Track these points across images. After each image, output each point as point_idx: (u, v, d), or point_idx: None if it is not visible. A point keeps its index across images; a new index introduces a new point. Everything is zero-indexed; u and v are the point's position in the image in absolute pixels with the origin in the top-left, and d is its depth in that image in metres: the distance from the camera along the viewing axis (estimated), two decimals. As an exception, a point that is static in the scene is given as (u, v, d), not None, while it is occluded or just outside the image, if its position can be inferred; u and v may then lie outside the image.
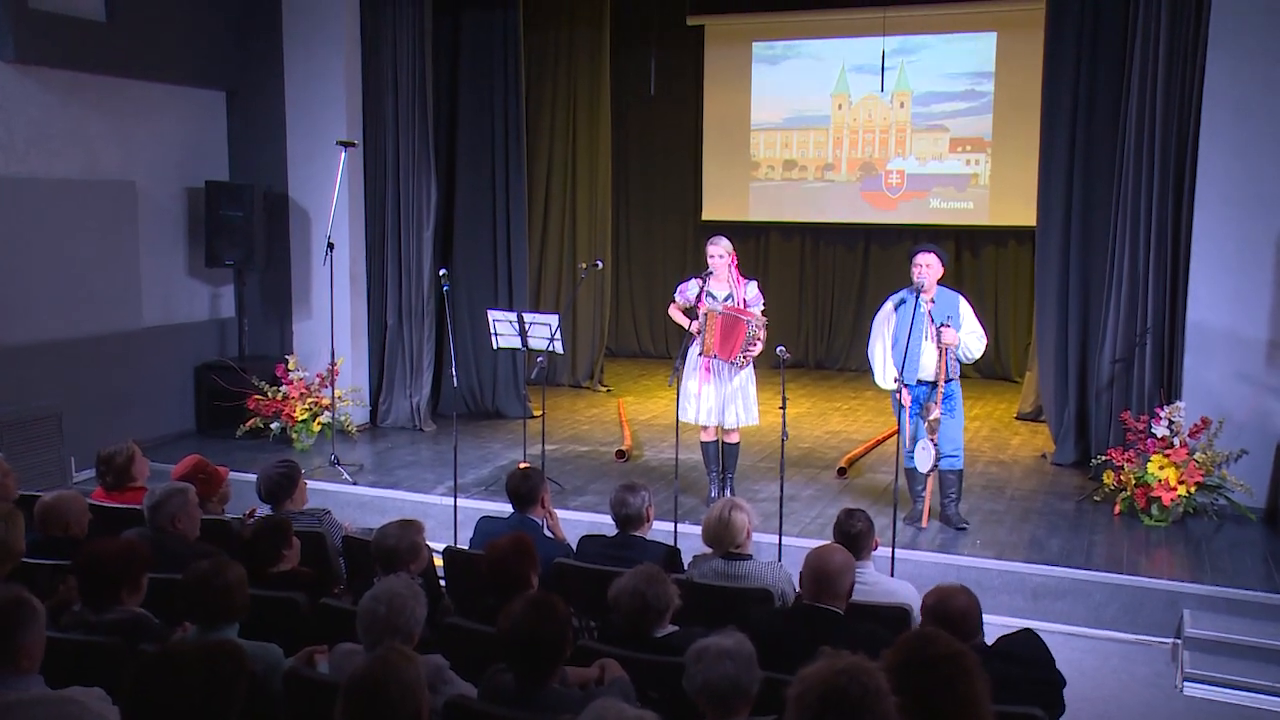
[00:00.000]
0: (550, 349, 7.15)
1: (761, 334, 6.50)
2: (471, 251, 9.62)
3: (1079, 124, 7.86)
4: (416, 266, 9.09)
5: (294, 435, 8.42)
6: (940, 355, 6.23)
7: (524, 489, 4.93)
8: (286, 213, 9.13)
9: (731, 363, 6.55)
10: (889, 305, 6.49)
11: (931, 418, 6.33)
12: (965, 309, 6.35)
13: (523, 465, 6.53)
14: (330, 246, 7.95)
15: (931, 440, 6.31)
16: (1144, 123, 7.26)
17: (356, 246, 9.10)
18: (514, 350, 8.02)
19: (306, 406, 8.40)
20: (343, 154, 8.22)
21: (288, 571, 4.26)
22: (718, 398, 6.76)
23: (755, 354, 6.60)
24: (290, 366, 8.64)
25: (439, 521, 6.72)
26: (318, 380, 8.53)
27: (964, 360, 6.34)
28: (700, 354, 6.68)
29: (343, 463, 7.81)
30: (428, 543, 4.27)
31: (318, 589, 4.15)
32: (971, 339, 6.28)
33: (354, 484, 7.50)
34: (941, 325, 6.18)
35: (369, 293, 9.24)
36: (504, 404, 9.67)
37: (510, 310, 8.17)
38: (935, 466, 6.36)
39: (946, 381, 6.30)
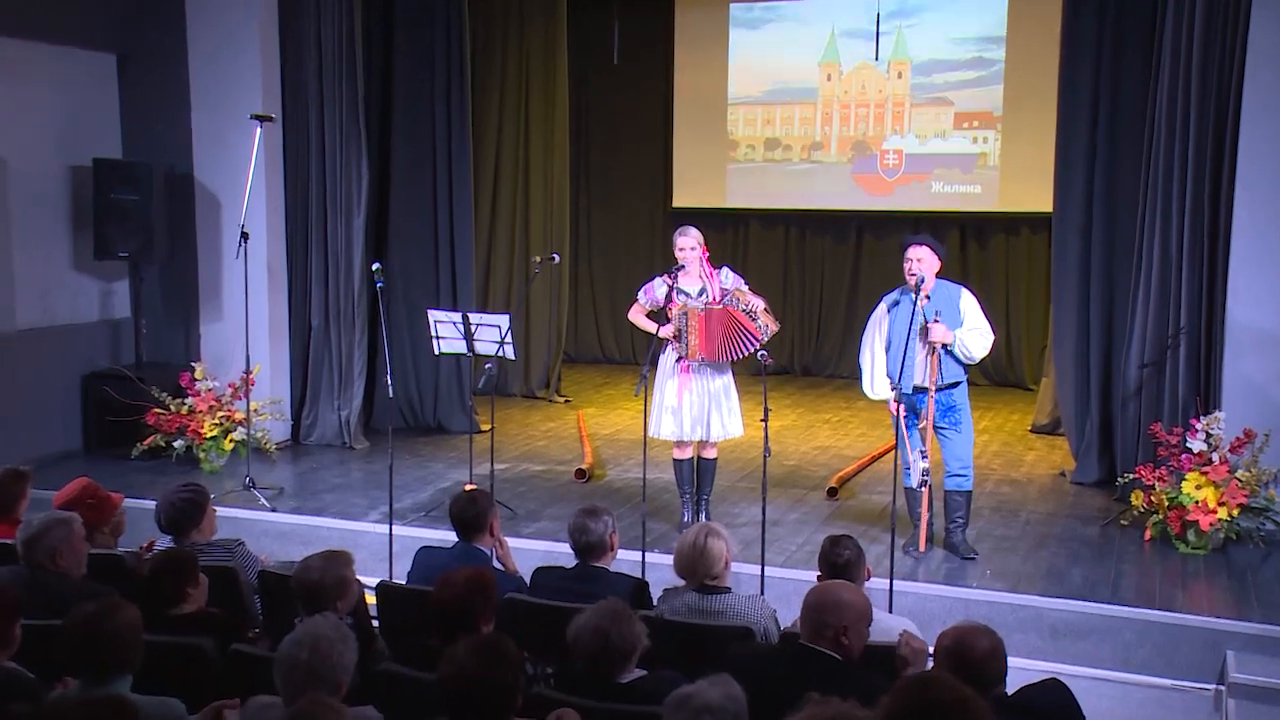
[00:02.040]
0: (500, 354, 7.13)
1: (753, 299, 6.49)
2: (409, 243, 9.56)
3: (1103, 95, 7.90)
4: (346, 260, 9.03)
5: (201, 455, 8.34)
6: (930, 355, 6.23)
7: (470, 514, 4.93)
8: (192, 196, 9.03)
9: (752, 349, 6.46)
10: (882, 307, 6.52)
11: (920, 426, 6.35)
12: (968, 303, 6.37)
13: (469, 487, 6.48)
14: (244, 236, 7.87)
15: (921, 452, 6.32)
16: (1177, 92, 7.29)
17: (275, 236, 9.01)
18: (458, 356, 7.97)
19: (216, 421, 8.33)
20: (258, 129, 8.12)
21: (193, 613, 4.20)
22: (700, 408, 6.77)
23: (762, 305, 6.55)
24: (197, 375, 8.55)
25: (371, 553, 6.68)
26: (230, 391, 8.44)
27: (966, 360, 6.34)
28: (679, 359, 6.69)
29: (259, 486, 7.75)
30: (358, 577, 4.24)
31: (228, 633, 4.10)
32: (973, 336, 6.29)
33: (272, 510, 7.45)
34: (931, 321, 6.19)
35: (290, 290, 9.17)
36: (447, 417, 9.62)
37: (454, 310, 8.11)
38: (926, 482, 6.37)
39: (944, 389, 6.31)
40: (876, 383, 6.49)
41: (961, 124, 11.50)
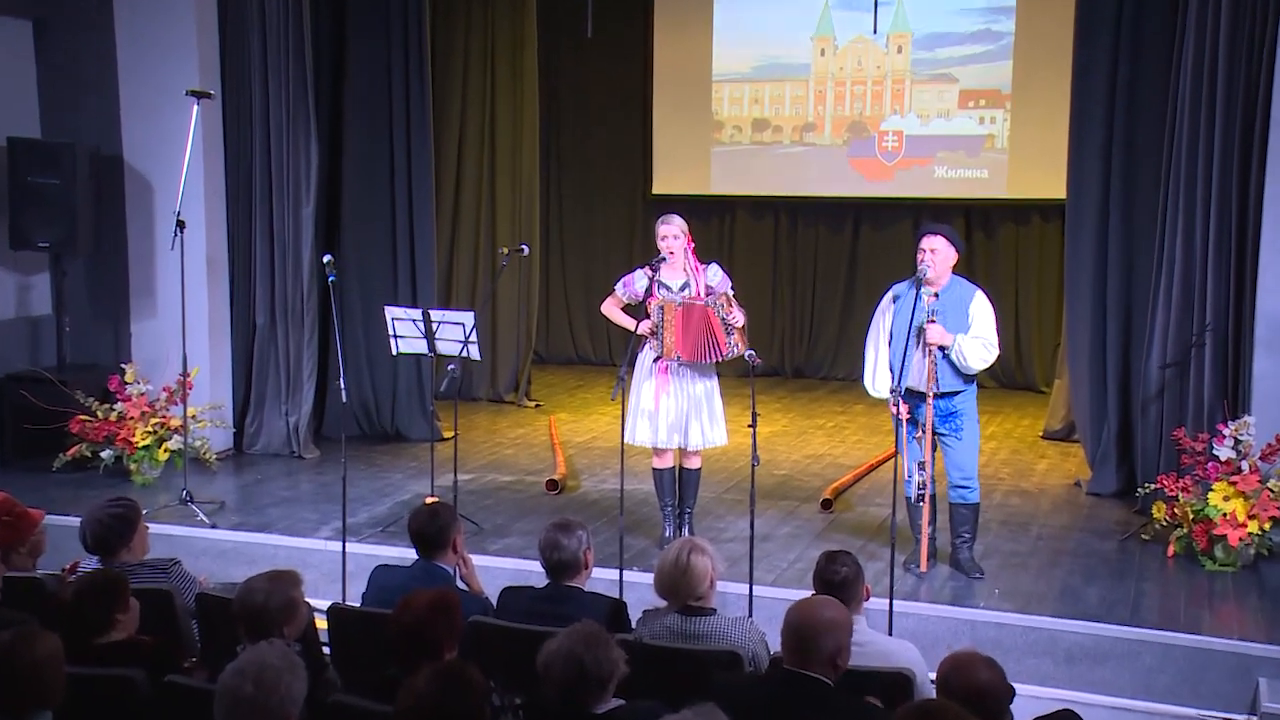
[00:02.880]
0: (464, 355, 7.13)
1: (737, 312, 6.55)
2: (364, 234, 9.54)
3: (1121, 72, 7.92)
4: (294, 252, 9.01)
5: (132, 466, 8.29)
6: (927, 358, 6.25)
7: (431, 530, 4.93)
8: (120, 180, 8.98)
9: (719, 359, 6.64)
10: (887, 297, 6.55)
11: (917, 436, 6.38)
12: (980, 308, 6.37)
13: (430, 500, 6.49)
14: (180, 225, 7.81)
15: (918, 464, 6.33)
16: (1203, 67, 7.30)
17: (215, 226, 8.97)
18: (418, 357, 7.96)
19: (150, 429, 8.27)
20: (195, 107, 8.07)
21: (122, 642, 4.18)
22: (679, 413, 6.79)
23: (741, 323, 6.61)
24: (128, 378, 8.49)
25: (323, 573, 6.69)
26: (165, 395, 8.39)
27: (962, 368, 6.34)
28: (656, 359, 6.71)
29: (198, 500, 7.72)
30: (307, 599, 4.24)
31: (162, 663, 4.07)
32: (974, 346, 6.28)
33: (213, 527, 7.42)
34: (928, 321, 6.21)
35: (232, 285, 9.14)
36: (406, 424, 9.61)
37: (414, 307, 8.09)
38: (924, 496, 6.38)
39: (941, 396, 6.33)
40: (878, 378, 6.52)
41: (967, 103, 11.52)
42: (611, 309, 6.98)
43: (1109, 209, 8.07)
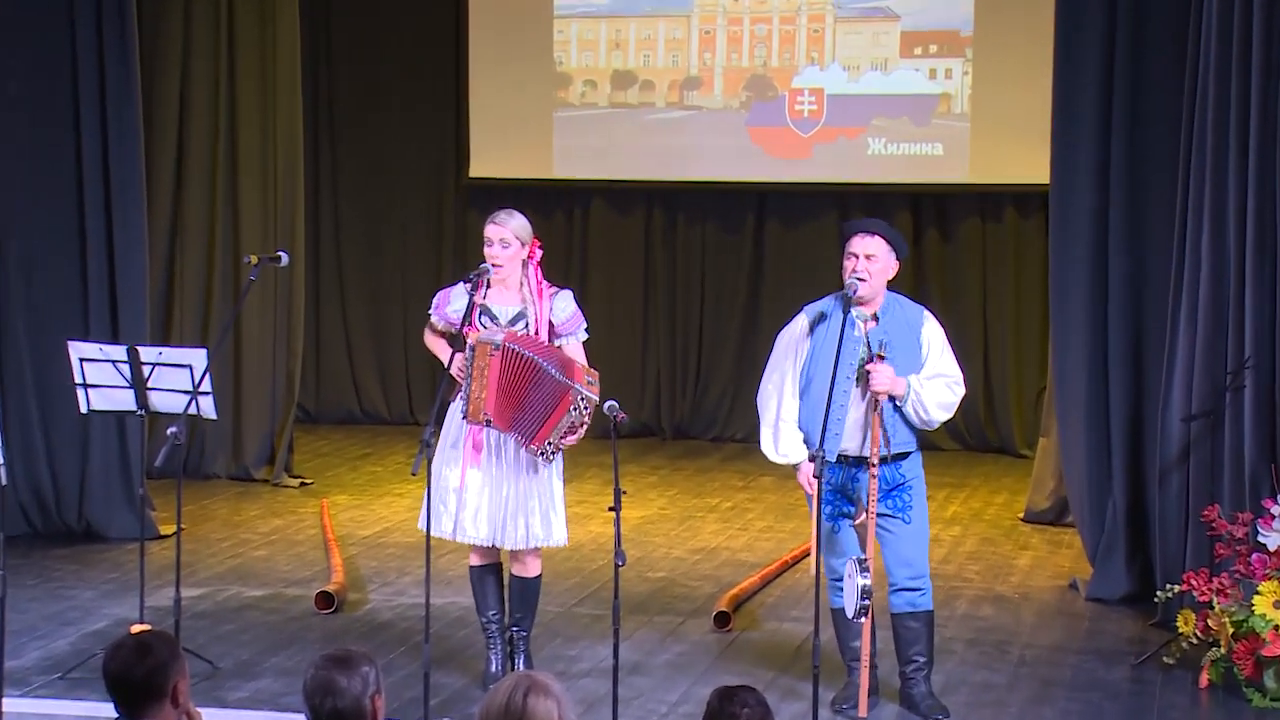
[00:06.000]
0: (193, 412, 7.05)
1: (589, 412, 6.58)
2: (36, 239, 9.44)
3: (1120, 8, 8.10)
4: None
5: None
6: (872, 410, 6.29)
7: (139, 674, 4.74)
8: None
9: (532, 451, 6.64)
10: (801, 321, 6.56)
11: (858, 522, 6.39)
12: (932, 334, 6.45)
13: (138, 629, 6.34)
14: None
15: (859, 562, 6.32)
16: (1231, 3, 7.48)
17: None
18: (121, 415, 7.77)
19: None
20: None
21: None
22: (497, 496, 6.75)
23: (573, 443, 6.68)
24: None
25: (-32, 744, 6.56)
26: None
27: (920, 424, 6.40)
28: (465, 417, 6.66)
29: None
30: None
31: None
32: (935, 388, 6.34)
33: None
34: (874, 357, 6.26)
35: None
36: (102, 516, 9.51)
37: (114, 343, 7.98)
38: (867, 607, 6.34)
39: (890, 460, 6.37)
40: (783, 439, 6.50)
41: (913, 49, 11.71)
42: (433, 340, 7.01)
43: (1109, 197, 8.22)
